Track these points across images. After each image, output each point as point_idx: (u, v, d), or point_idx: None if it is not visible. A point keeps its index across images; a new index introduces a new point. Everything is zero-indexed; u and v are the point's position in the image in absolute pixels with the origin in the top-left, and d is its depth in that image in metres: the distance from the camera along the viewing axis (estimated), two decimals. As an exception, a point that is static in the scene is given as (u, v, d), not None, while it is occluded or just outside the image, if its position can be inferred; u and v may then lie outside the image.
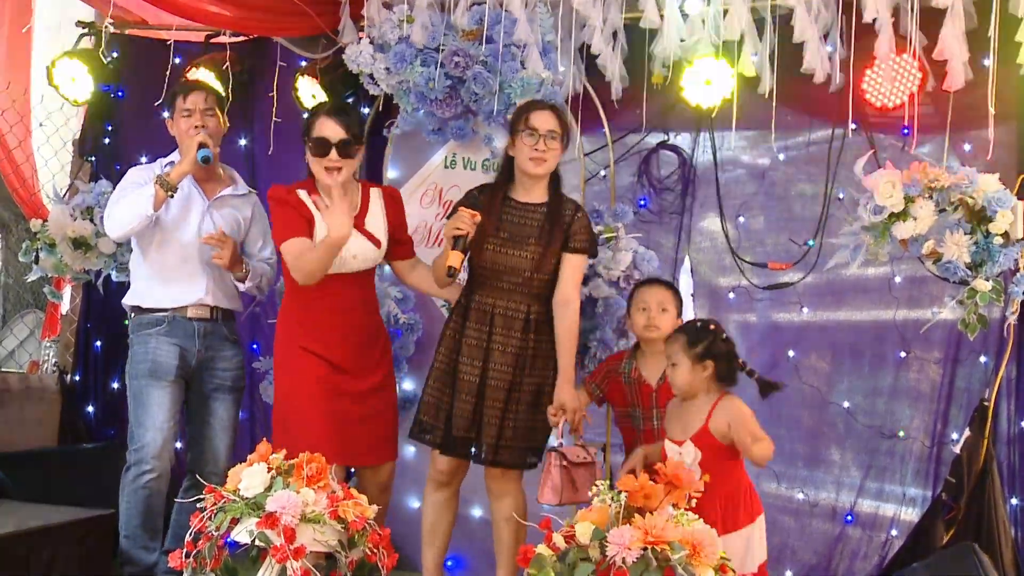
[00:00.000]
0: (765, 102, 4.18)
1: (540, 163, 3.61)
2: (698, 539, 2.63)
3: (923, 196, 3.68)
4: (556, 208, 3.67)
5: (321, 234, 3.63)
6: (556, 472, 3.51)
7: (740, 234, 4.62)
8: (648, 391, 3.72)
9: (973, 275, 3.67)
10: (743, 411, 3.31)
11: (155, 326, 3.91)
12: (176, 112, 3.98)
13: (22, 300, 6.29)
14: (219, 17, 4.43)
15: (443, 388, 3.70)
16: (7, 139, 5.20)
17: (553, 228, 3.64)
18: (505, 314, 3.64)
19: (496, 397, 3.63)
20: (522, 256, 3.62)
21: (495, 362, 3.63)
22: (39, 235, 4.54)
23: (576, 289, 3.69)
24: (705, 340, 3.34)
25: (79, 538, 3.89)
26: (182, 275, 3.93)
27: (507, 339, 3.64)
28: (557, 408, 3.58)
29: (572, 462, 3.52)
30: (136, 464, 3.84)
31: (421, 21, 4.22)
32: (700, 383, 3.35)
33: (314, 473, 2.97)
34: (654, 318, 3.69)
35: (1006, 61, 3.96)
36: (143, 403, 3.87)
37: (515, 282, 3.64)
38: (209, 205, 3.97)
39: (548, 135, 3.60)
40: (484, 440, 3.64)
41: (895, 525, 4.42)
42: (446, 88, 4.25)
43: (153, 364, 3.88)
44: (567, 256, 3.66)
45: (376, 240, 3.78)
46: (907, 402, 4.45)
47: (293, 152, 4.80)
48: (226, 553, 2.90)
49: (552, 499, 3.52)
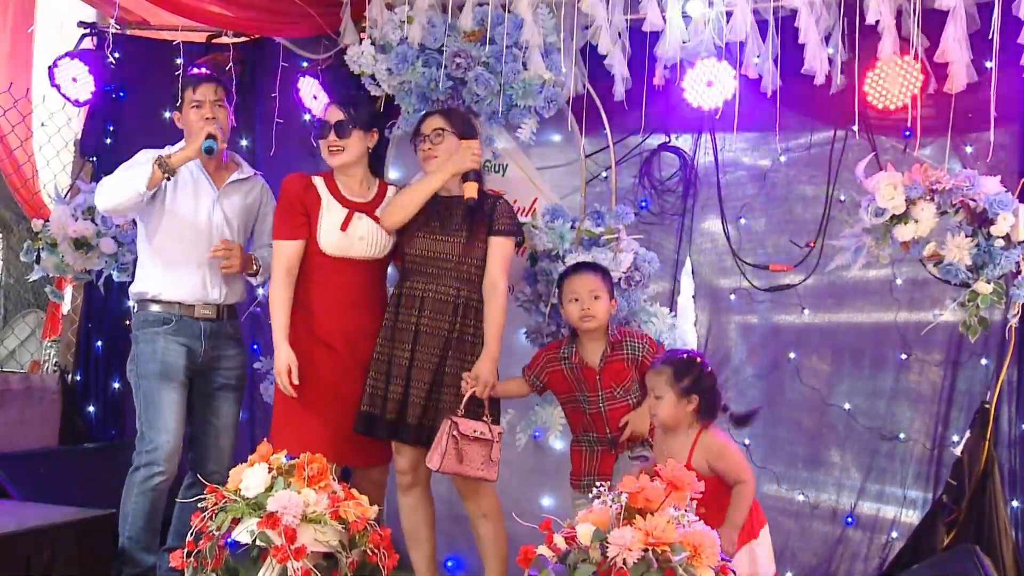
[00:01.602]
0: (767, 104, 4.18)
1: (430, 159, 3.81)
2: (699, 540, 2.62)
3: (924, 198, 3.68)
4: (478, 199, 3.78)
5: (324, 226, 3.75)
6: (445, 439, 3.55)
7: (741, 236, 4.62)
8: (592, 374, 3.74)
9: (974, 277, 3.67)
10: (723, 447, 3.32)
11: (162, 324, 3.91)
12: (185, 104, 3.98)
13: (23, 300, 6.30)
14: (221, 17, 4.44)
15: (379, 375, 3.75)
16: (9, 139, 5.21)
17: (476, 215, 3.76)
18: (435, 298, 3.73)
19: (422, 378, 3.69)
20: (451, 242, 3.75)
21: (423, 344, 3.71)
22: (41, 235, 4.54)
23: (502, 272, 3.76)
24: (692, 374, 3.36)
25: (79, 538, 3.89)
26: (190, 265, 3.92)
27: (436, 322, 3.72)
28: (472, 377, 3.64)
29: (463, 433, 3.55)
30: (147, 466, 3.81)
31: (422, 22, 4.22)
32: (684, 417, 3.36)
33: (315, 473, 2.98)
34: (588, 308, 3.72)
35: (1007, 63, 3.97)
36: (155, 404, 3.85)
37: (445, 267, 3.74)
38: (218, 195, 3.99)
39: (433, 135, 3.79)
40: (409, 420, 3.69)
41: (896, 527, 4.41)
42: (448, 89, 4.26)
43: (163, 365, 3.87)
44: (492, 240, 3.77)
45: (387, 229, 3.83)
46: (908, 404, 4.44)
47: (295, 153, 4.83)
48: (227, 553, 2.90)
49: (434, 463, 3.55)
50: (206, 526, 2.91)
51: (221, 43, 5.01)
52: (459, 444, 3.54)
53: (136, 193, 3.74)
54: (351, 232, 3.76)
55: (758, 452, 4.55)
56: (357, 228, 3.78)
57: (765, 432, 4.58)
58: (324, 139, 3.81)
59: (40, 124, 5.32)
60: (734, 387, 4.60)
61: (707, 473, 3.27)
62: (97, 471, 4.66)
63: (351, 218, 3.78)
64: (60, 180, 5.15)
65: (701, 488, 2.93)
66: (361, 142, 3.83)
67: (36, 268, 4.59)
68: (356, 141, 3.81)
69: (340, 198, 3.82)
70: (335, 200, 3.80)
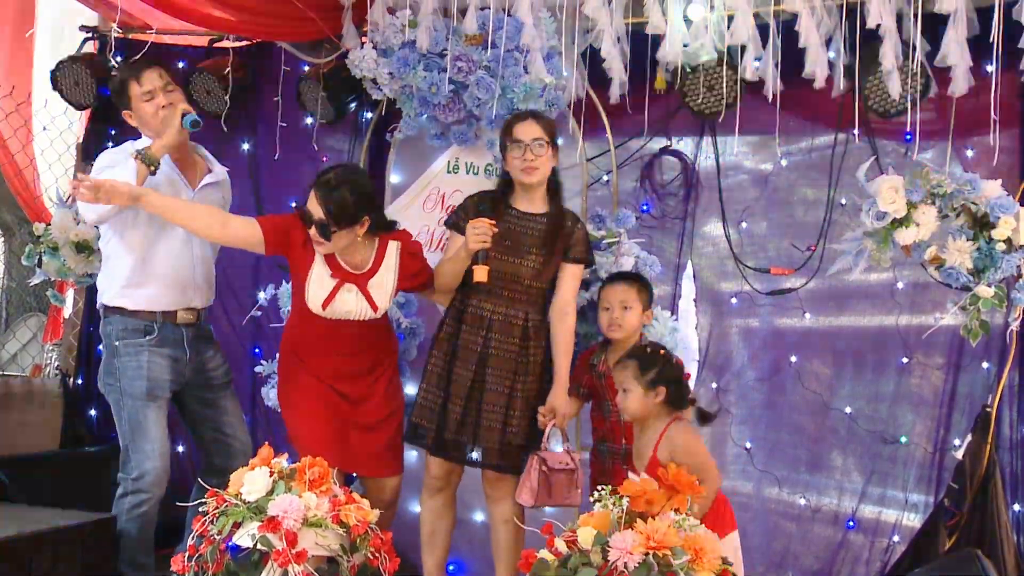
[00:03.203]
0: (768, 107, 4.18)
1: (532, 172, 3.69)
2: (700, 544, 2.63)
3: (926, 202, 3.68)
4: (557, 219, 3.74)
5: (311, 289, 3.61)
6: (535, 475, 3.57)
7: (743, 239, 4.62)
8: (613, 384, 3.72)
9: (975, 281, 3.67)
10: (686, 441, 3.31)
11: (144, 335, 3.76)
12: (133, 99, 3.73)
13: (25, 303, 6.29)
14: (222, 22, 4.44)
15: (436, 391, 3.73)
16: (10, 143, 5.21)
17: (555, 238, 3.69)
18: (504, 320, 3.68)
19: (496, 402, 3.66)
20: (524, 265, 3.67)
21: (493, 368, 3.67)
22: (42, 239, 4.53)
23: (574, 298, 3.76)
24: (656, 366, 3.36)
25: (81, 541, 3.88)
26: (174, 272, 3.78)
27: (505, 345, 3.68)
28: (548, 411, 3.64)
29: (551, 468, 3.58)
30: (135, 493, 3.72)
31: (424, 26, 4.23)
32: (652, 409, 3.37)
33: (316, 477, 2.98)
34: (616, 317, 3.74)
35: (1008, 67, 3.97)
36: (140, 426, 3.73)
37: (515, 290, 3.68)
38: (194, 195, 3.81)
39: (534, 143, 3.66)
40: (484, 445, 3.67)
41: (897, 531, 4.41)
42: (449, 93, 4.26)
43: (150, 382, 3.74)
44: (566, 266, 3.73)
45: (374, 304, 3.68)
46: (909, 408, 4.44)
47: (296, 157, 4.83)
48: (228, 557, 2.90)
49: (528, 500, 3.60)
50: (207, 530, 2.91)
51: (223, 47, 5.01)
52: (550, 479, 3.57)
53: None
54: (332, 308, 3.62)
55: (760, 456, 4.55)
56: (341, 303, 3.62)
57: (767, 436, 4.58)
58: (308, 228, 3.55)
59: (42, 128, 5.33)
60: (735, 391, 4.60)
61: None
62: (98, 474, 4.65)
63: (335, 294, 3.61)
64: (62, 184, 5.16)
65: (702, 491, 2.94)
66: (348, 234, 3.55)
67: (38, 272, 4.59)
68: (341, 237, 3.54)
69: (333, 264, 3.63)
70: (326, 267, 3.62)
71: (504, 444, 3.67)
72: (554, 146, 3.74)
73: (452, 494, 3.84)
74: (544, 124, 3.72)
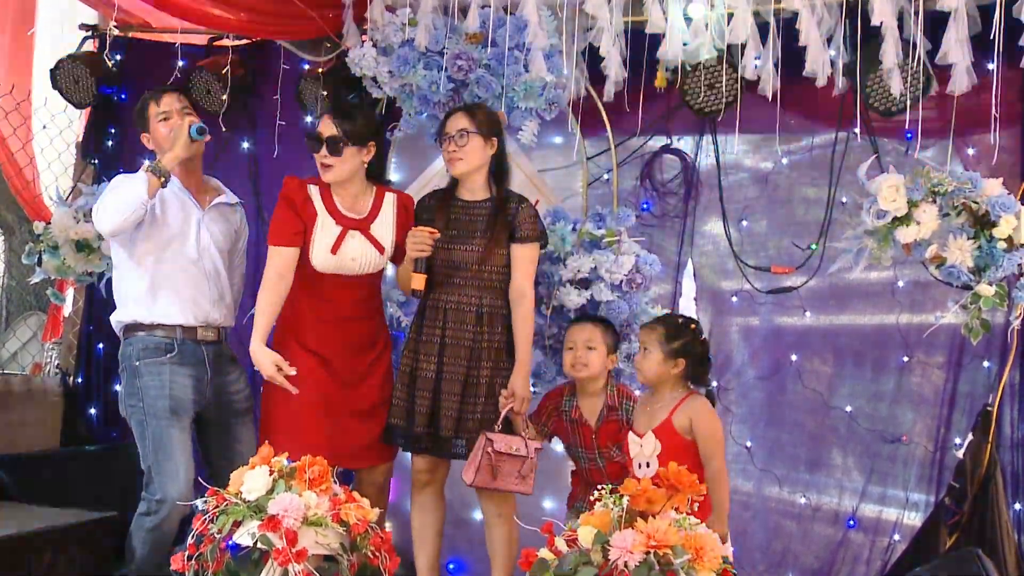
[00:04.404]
0: (768, 106, 4.18)
1: (455, 163, 3.75)
2: (700, 543, 2.62)
3: (926, 200, 3.68)
4: (500, 203, 3.77)
5: (316, 244, 3.67)
6: (479, 454, 3.56)
7: (743, 238, 4.62)
8: (588, 432, 3.74)
9: (976, 280, 3.67)
10: (710, 416, 3.34)
11: (165, 352, 3.70)
12: (151, 120, 3.81)
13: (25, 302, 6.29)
14: (222, 20, 4.44)
15: (405, 388, 3.75)
16: (10, 142, 5.21)
17: (496, 221, 3.72)
18: (457, 308, 3.71)
19: (452, 391, 3.68)
20: (469, 250, 3.71)
21: (449, 356, 3.70)
22: (42, 237, 4.53)
23: (528, 279, 3.76)
24: (684, 338, 3.39)
25: (81, 540, 3.89)
26: (186, 286, 3.76)
27: (459, 333, 3.70)
28: (508, 394, 3.63)
29: (498, 450, 3.56)
30: (155, 514, 3.61)
31: (424, 24, 4.22)
32: (668, 378, 3.39)
33: (316, 476, 2.97)
34: (580, 356, 3.70)
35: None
36: (164, 448, 3.62)
37: (465, 276, 3.71)
38: (204, 215, 3.83)
39: (457, 135, 3.71)
40: (442, 433, 3.68)
41: (898, 530, 4.41)
42: (449, 91, 4.26)
43: (173, 401, 3.66)
44: (515, 247, 3.74)
45: (380, 246, 3.77)
46: (910, 406, 4.44)
47: (296, 156, 4.83)
48: (228, 556, 2.89)
49: (467, 477, 3.58)
50: (207, 529, 2.91)
51: (222, 46, 5.00)
52: (493, 460, 3.55)
53: (140, 203, 3.57)
54: (342, 253, 3.69)
55: (760, 454, 4.55)
56: (349, 249, 3.70)
57: (767, 434, 4.58)
58: (316, 153, 3.69)
59: (42, 126, 5.32)
60: (736, 389, 4.60)
61: (685, 434, 3.30)
62: (98, 473, 4.66)
63: (342, 239, 3.71)
64: (62, 182, 5.16)
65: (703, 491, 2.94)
66: (355, 158, 3.70)
67: (38, 270, 4.59)
68: (349, 157, 3.68)
69: (335, 213, 3.73)
70: (330, 216, 3.72)
71: (461, 431, 3.67)
72: (489, 136, 3.75)
73: (439, 489, 3.85)
74: (472, 115, 3.75)
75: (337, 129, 3.65)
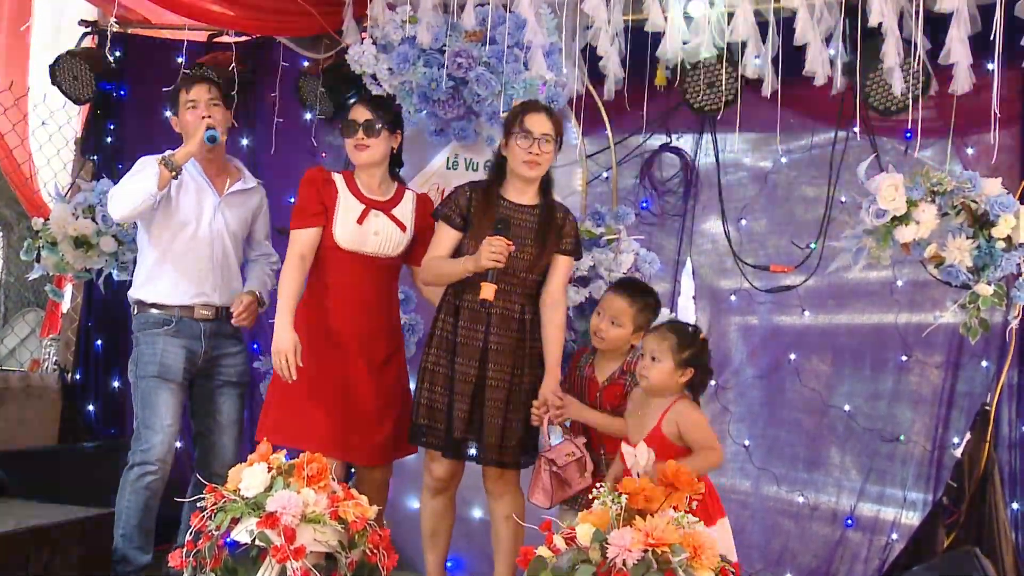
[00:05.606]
0: (768, 105, 4.18)
1: (534, 167, 3.60)
2: (699, 541, 2.62)
3: (926, 200, 3.67)
4: (549, 211, 3.69)
5: (340, 219, 3.74)
6: (546, 476, 3.54)
7: (742, 237, 4.62)
8: (595, 389, 3.70)
9: (975, 279, 3.67)
10: (695, 416, 3.31)
11: (162, 326, 3.92)
12: (180, 106, 3.97)
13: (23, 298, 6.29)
14: (222, 17, 4.44)
15: (438, 389, 3.66)
16: (8, 138, 5.20)
17: (548, 230, 3.64)
18: (501, 314, 3.61)
19: (496, 397, 3.61)
20: (518, 257, 3.57)
21: (494, 363, 3.61)
22: (41, 233, 4.53)
23: (565, 290, 3.73)
24: (695, 348, 3.34)
25: (79, 537, 3.89)
26: (191, 269, 3.94)
27: (503, 339, 3.61)
28: (540, 404, 3.56)
29: (561, 465, 3.54)
30: (140, 464, 3.83)
31: (424, 22, 4.22)
32: (674, 386, 3.35)
33: (315, 473, 2.97)
34: (603, 328, 3.64)
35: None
36: (151, 404, 3.87)
37: (510, 283, 3.60)
38: (220, 201, 4.00)
39: (543, 138, 3.58)
40: (485, 441, 3.62)
41: (895, 529, 4.41)
42: (449, 89, 4.26)
43: (161, 366, 3.88)
44: (558, 257, 3.67)
45: (401, 224, 3.82)
46: (908, 406, 4.44)
47: (295, 152, 4.83)
48: (226, 553, 2.90)
49: (544, 502, 3.56)
50: (205, 525, 2.91)
51: (222, 42, 5.01)
52: (561, 475, 3.53)
53: (149, 195, 3.77)
54: (366, 226, 3.75)
55: (758, 453, 4.55)
56: (373, 224, 3.76)
57: (765, 433, 4.58)
58: (351, 137, 3.77)
59: (41, 122, 5.32)
60: (734, 388, 4.60)
61: (676, 440, 3.27)
62: (96, 470, 4.65)
63: (368, 213, 3.77)
64: (60, 178, 5.16)
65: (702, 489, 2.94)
66: (386, 142, 3.81)
67: (36, 266, 4.58)
68: (383, 141, 3.79)
69: (358, 195, 3.80)
70: (353, 196, 3.79)
71: (504, 439, 3.64)
72: (559, 144, 3.70)
73: (453, 495, 3.81)
74: (555, 120, 3.65)
75: (372, 114, 3.77)
